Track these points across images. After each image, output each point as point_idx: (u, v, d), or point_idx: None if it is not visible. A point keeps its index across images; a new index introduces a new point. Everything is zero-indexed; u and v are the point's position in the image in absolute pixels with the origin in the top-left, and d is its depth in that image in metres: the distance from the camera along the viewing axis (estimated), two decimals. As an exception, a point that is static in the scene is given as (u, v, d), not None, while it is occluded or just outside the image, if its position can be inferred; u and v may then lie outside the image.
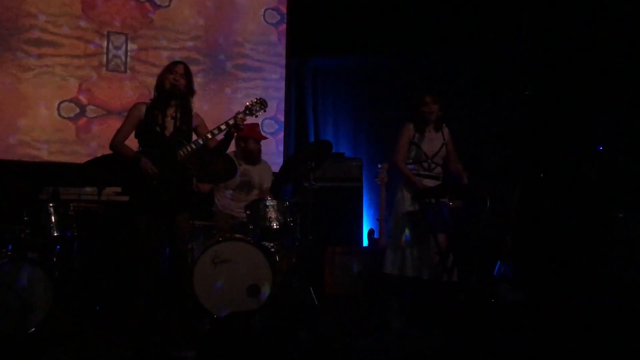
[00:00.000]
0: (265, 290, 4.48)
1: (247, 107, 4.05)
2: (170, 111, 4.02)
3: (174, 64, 4.08)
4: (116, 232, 5.11)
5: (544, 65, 6.21)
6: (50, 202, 4.55)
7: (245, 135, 5.23)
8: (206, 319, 4.36)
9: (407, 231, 4.63)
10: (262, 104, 4.07)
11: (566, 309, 4.74)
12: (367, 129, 7.03)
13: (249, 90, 6.58)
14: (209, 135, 3.97)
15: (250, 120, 4.18)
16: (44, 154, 5.88)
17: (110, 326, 4.24)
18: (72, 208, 4.55)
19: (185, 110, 4.04)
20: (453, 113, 4.99)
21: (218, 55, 6.54)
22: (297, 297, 4.78)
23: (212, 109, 6.36)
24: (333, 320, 4.65)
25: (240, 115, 3.96)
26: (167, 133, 3.98)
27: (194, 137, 4.12)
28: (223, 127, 3.96)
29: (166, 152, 3.92)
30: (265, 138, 5.44)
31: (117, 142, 4.01)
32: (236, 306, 4.41)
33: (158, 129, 3.96)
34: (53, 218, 4.48)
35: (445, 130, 4.84)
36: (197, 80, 6.22)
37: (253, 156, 5.34)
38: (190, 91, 4.08)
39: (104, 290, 4.74)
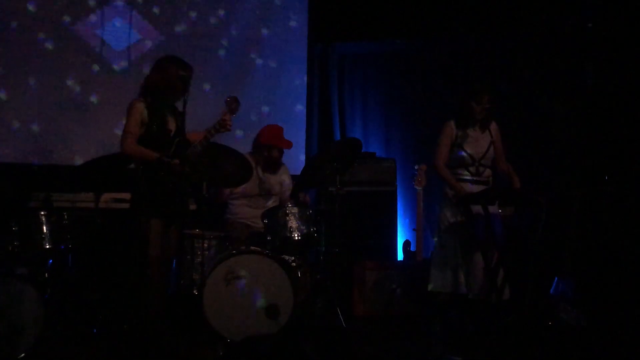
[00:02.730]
0: (286, 311, 4.46)
1: (228, 107, 4.17)
2: (169, 110, 4.20)
3: (190, 68, 4.19)
4: (116, 244, 5.15)
5: (608, 48, 6.12)
6: (42, 210, 4.58)
7: (271, 144, 5.26)
8: (219, 343, 4.35)
9: (454, 243, 4.60)
10: (236, 101, 4.20)
11: (634, 334, 4.67)
12: (402, 125, 7.00)
13: (265, 80, 6.60)
14: (209, 136, 4.13)
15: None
16: (34, 156, 5.94)
17: (108, 352, 4.25)
18: (66, 216, 4.58)
19: (177, 108, 4.24)
20: (503, 105, 4.95)
21: (231, 40, 6.56)
22: (322, 319, 4.76)
23: (222, 103, 6.37)
24: (363, 346, 4.62)
25: (228, 115, 4.13)
26: (171, 134, 4.16)
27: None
28: (218, 127, 4.11)
29: (176, 154, 4.07)
30: (290, 147, 5.47)
31: (133, 145, 4.09)
32: (253, 329, 4.39)
33: (165, 130, 4.13)
34: (45, 228, 4.51)
35: (493, 127, 4.82)
36: (210, 68, 6.31)
37: (274, 164, 5.36)
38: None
39: (102, 310, 4.77)
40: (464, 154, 4.71)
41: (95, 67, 6.16)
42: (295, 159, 6.21)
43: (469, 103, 4.71)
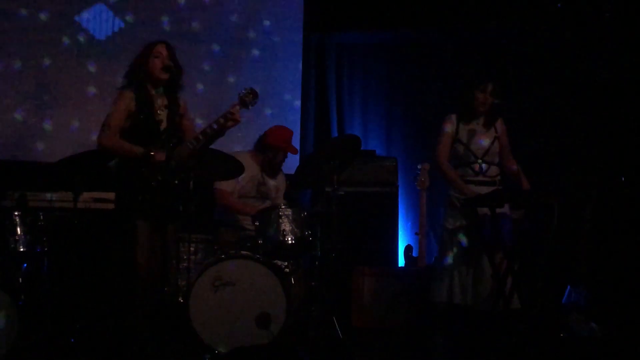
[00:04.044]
0: (278, 321, 4.46)
1: (240, 98, 4.16)
2: (161, 100, 4.16)
3: (153, 44, 4.18)
4: (96, 247, 5.14)
5: (625, 42, 6.13)
6: (16, 210, 4.57)
7: (279, 147, 5.26)
8: (206, 355, 4.34)
9: (455, 250, 4.60)
10: (253, 94, 4.20)
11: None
12: (404, 122, 7.01)
13: (257, 73, 6.59)
14: (209, 131, 4.10)
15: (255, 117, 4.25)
16: (7, 152, 5.91)
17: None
18: (42, 217, 4.57)
19: (175, 99, 4.20)
20: (512, 101, 4.94)
21: (219, 30, 6.55)
22: (317, 329, 4.76)
23: (212, 95, 6.37)
24: (361, 359, 4.62)
25: (237, 107, 4.11)
26: (162, 127, 4.12)
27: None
28: (222, 120, 4.10)
29: (165, 149, 4.01)
30: (297, 153, 5.52)
31: (110, 138, 4.06)
32: (242, 340, 4.39)
33: (153, 122, 4.10)
34: (19, 230, 4.50)
35: (499, 123, 4.82)
36: (195, 61, 6.30)
37: (276, 168, 5.37)
38: (178, 73, 4.19)
39: (81, 318, 4.76)
40: (466, 150, 4.70)
41: (75, 58, 6.13)
42: (289, 158, 6.19)
43: (472, 92, 4.70)
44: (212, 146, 4.34)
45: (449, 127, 4.76)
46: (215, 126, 4.08)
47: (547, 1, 6.29)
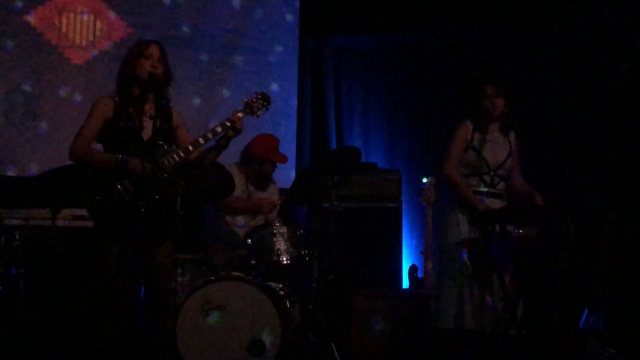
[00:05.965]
0: (272, 348, 4.47)
1: (246, 104, 4.17)
2: (146, 107, 4.10)
3: (146, 44, 4.15)
4: (76, 268, 5.14)
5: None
6: (-11, 229, 4.59)
7: (263, 158, 5.28)
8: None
9: (460, 271, 4.59)
10: (264, 99, 4.22)
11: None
12: (407, 131, 7.02)
13: (250, 80, 6.61)
14: (201, 140, 4.05)
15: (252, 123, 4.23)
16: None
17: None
18: (17, 236, 4.58)
19: (164, 106, 4.14)
20: (524, 110, 4.95)
21: (211, 33, 6.58)
22: (314, 356, 4.76)
23: (203, 103, 6.39)
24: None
25: (239, 114, 4.09)
26: (145, 136, 4.05)
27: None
28: (219, 129, 4.06)
29: (146, 160, 3.94)
30: (286, 161, 5.50)
31: (82, 148, 4.02)
32: (233, 368, 4.41)
33: (134, 130, 4.03)
34: (-7, 249, 4.51)
35: (512, 135, 4.82)
36: (184, 65, 6.33)
37: (265, 180, 5.39)
38: (167, 79, 4.16)
39: (58, 344, 4.76)
40: (480, 159, 4.66)
41: (54, 65, 6.16)
42: (285, 171, 6.22)
43: (478, 102, 4.68)
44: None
45: (463, 135, 4.67)
46: (210, 135, 4.03)
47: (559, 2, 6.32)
